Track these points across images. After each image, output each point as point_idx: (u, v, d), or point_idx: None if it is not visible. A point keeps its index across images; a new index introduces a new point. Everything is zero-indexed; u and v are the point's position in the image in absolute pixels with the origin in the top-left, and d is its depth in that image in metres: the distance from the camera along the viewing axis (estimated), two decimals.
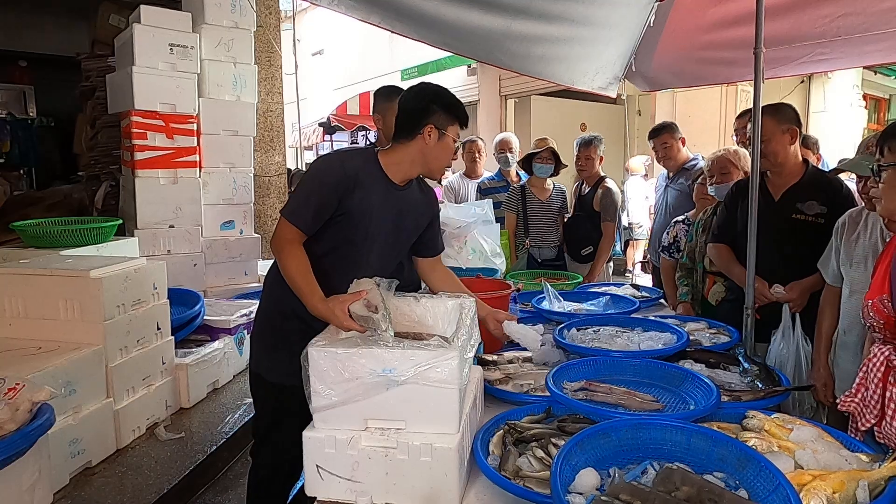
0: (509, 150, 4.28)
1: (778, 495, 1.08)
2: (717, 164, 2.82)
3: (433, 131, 1.83)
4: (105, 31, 4.78)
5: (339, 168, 1.78)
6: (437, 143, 1.85)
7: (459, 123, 1.89)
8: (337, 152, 1.93)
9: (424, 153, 1.86)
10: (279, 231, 1.76)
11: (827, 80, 8.73)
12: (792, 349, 2.18)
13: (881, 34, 2.61)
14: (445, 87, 1.96)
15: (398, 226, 1.93)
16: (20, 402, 1.76)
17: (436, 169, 1.93)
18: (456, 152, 1.94)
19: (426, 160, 1.88)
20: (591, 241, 3.83)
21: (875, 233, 1.88)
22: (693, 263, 2.91)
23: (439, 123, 1.83)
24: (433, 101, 1.85)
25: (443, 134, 1.84)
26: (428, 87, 1.94)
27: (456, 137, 1.89)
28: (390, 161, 1.87)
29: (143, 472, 2.53)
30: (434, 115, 1.83)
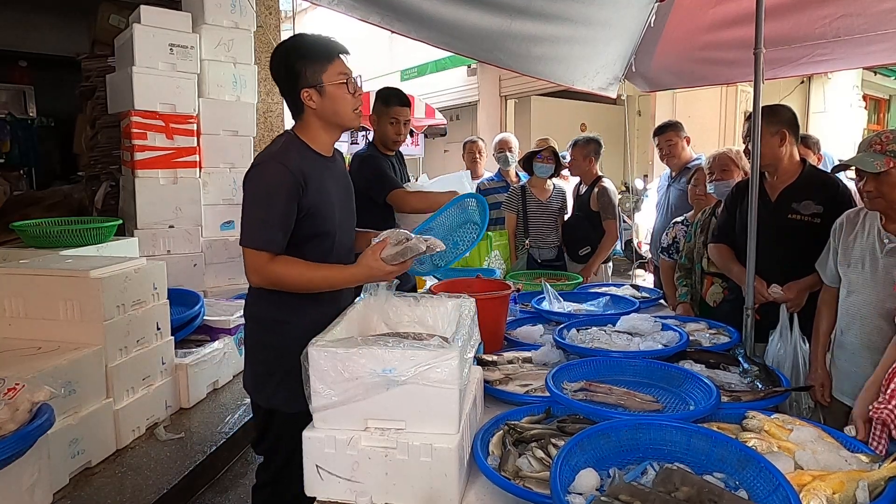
0: (509, 149, 4.29)
1: (778, 496, 1.08)
2: (717, 161, 2.82)
3: (311, 93, 1.67)
4: (105, 31, 4.78)
5: (286, 172, 1.62)
6: (324, 100, 1.68)
7: (328, 61, 1.67)
8: (270, 156, 1.67)
9: (323, 117, 1.71)
10: (250, 264, 1.61)
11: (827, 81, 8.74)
12: (790, 350, 2.18)
13: (881, 35, 2.61)
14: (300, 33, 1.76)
15: (346, 195, 1.84)
16: (20, 402, 1.76)
17: (346, 121, 1.75)
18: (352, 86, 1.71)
19: (329, 121, 1.73)
20: (590, 242, 3.83)
21: (872, 233, 1.88)
22: (691, 264, 2.92)
23: (311, 79, 1.66)
24: (290, 62, 1.67)
25: (321, 88, 1.66)
26: (280, 49, 1.73)
27: (340, 75, 1.68)
28: (309, 137, 1.74)
29: (142, 472, 2.53)
30: (300, 77, 1.66)
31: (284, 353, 1.71)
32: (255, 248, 1.61)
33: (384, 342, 1.38)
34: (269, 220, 1.61)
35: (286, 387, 1.72)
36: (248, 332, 1.85)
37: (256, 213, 1.63)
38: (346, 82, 1.69)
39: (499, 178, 4.35)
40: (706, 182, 2.92)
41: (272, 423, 1.80)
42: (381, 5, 2.52)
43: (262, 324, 1.78)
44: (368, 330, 1.63)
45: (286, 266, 1.63)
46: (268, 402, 1.78)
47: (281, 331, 1.73)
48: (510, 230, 3.96)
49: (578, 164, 3.86)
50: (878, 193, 1.79)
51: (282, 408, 1.75)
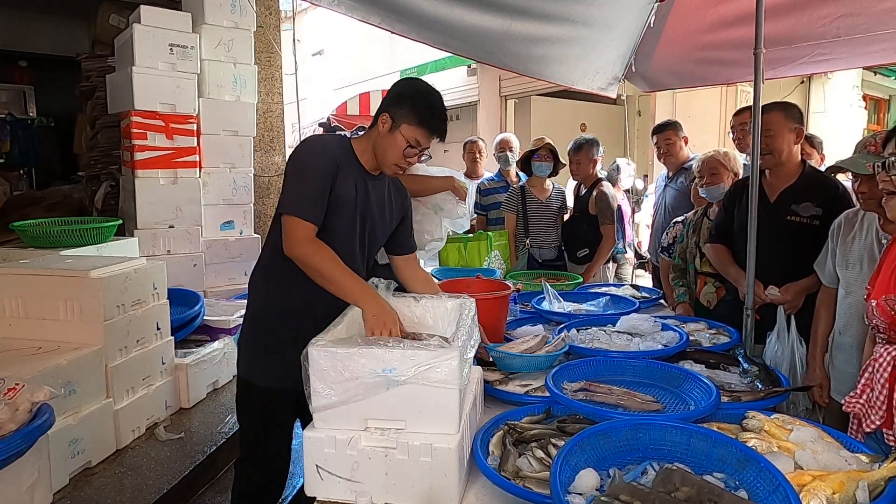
0: (509, 149, 4.29)
1: (778, 496, 1.08)
2: (706, 165, 2.82)
3: (387, 121, 1.76)
4: (105, 31, 4.78)
5: (325, 152, 1.73)
6: (388, 135, 1.76)
7: (422, 127, 1.76)
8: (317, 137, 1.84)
9: (375, 141, 1.80)
10: (292, 232, 1.65)
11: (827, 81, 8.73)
12: (787, 351, 2.18)
13: (881, 34, 2.61)
14: (439, 91, 1.85)
15: (377, 214, 1.88)
16: (20, 402, 1.76)
17: (382, 162, 1.81)
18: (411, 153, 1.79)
19: (375, 148, 1.80)
20: (588, 244, 3.82)
21: (871, 234, 1.88)
22: (685, 264, 2.92)
23: (396, 116, 1.76)
24: (404, 94, 1.79)
25: (395, 126, 1.75)
26: (410, 81, 1.87)
27: (412, 140, 1.76)
28: (361, 148, 1.83)
29: (142, 472, 2.53)
30: (396, 107, 1.76)
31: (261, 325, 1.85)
32: (302, 217, 1.65)
33: (384, 342, 1.38)
34: (307, 191, 1.68)
35: (259, 360, 1.83)
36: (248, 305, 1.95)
37: (297, 183, 1.70)
38: (410, 147, 1.76)
39: (499, 178, 4.35)
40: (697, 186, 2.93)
41: (246, 395, 1.90)
42: (382, 6, 2.52)
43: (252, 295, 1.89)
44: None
45: (319, 250, 1.66)
46: (244, 371, 1.89)
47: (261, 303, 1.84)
48: (510, 230, 3.96)
49: (586, 166, 3.85)
50: (871, 195, 1.79)
51: (253, 380, 1.84)
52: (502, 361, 1.92)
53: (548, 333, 2.13)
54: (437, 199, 2.67)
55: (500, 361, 1.93)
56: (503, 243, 3.89)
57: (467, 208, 2.83)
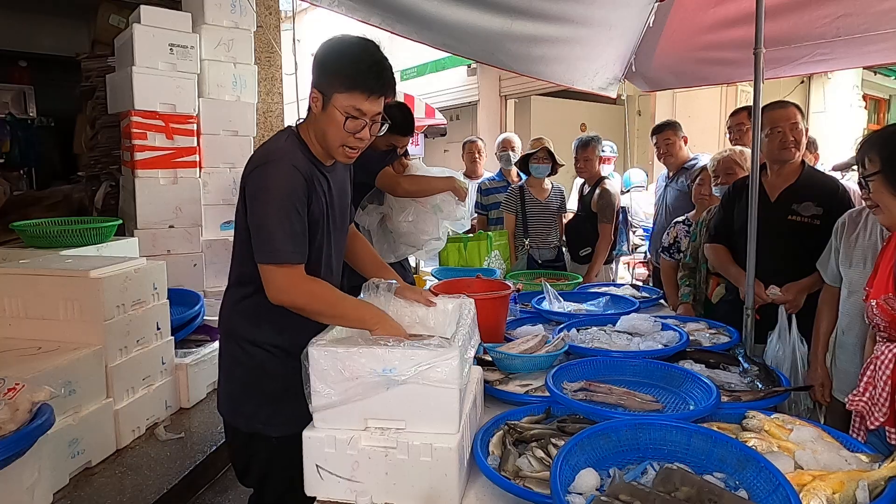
0: (511, 148, 4.29)
1: (778, 495, 1.08)
2: (722, 164, 2.81)
3: (317, 97, 1.50)
4: (105, 31, 4.78)
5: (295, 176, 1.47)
6: (323, 115, 1.50)
7: (355, 90, 1.45)
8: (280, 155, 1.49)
9: (314, 126, 1.55)
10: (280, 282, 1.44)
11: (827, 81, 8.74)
12: (788, 351, 2.18)
13: (881, 34, 2.61)
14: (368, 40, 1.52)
15: (340, 208, 1.69)
16: (20, 402, 1.76)
17: (328, 149, 1.55)
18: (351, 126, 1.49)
19: (316, 135, 1.55)
20: (590, 243, 3.83)
21: (874, 233, 1.88)
22: (696, 264, 2.91)
23: (324, 87, 1.49)
24: (324, 59, 1.50)
25: (327, 101, 1.48)
26: (329, 42, 1.53)
27: (350, 111, 1.47)
28: (310, 140, 1.58)
29: (142, 472, 2.53)
30: (320, 77, 1.50)
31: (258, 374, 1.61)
32: (288, 262, 1.43)
33: (384, 342, 1.38)
34: (294, 228, 1.44)
35: (267, 410, 1.60)
36: (224, 350, 1.69)
37: (278, 222, 1.42)
38: (350, 118, 1.48)
39: (500, 177, 4.36)
40: (711, 185, 2.92)
41: (257, 449, 1.65)
42: (382, 7, 2.52)
43: (241, 341, 1.63)
44: None
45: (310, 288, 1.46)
46: (248, 425, 1.63)
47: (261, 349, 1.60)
48: (509, 230, 3.96)
49: (592, 163, 3.86)
50: None
51: (264, 431, 1.61)
52: (502, 361, 1.92)
53: (548, 333, 2.13)
54: (437, 200, 2.67)
55: (500, 361, 1.92)
56: (503, 243, 3.89)
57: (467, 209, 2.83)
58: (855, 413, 1.58)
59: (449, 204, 2.67)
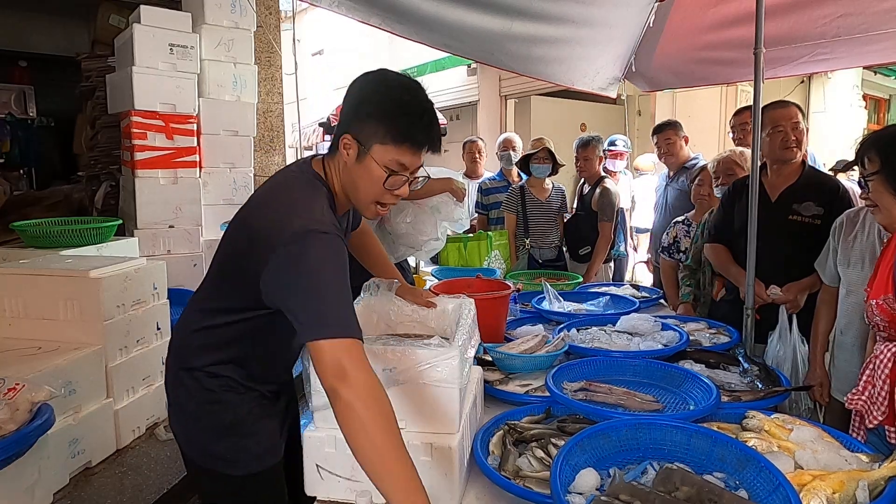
0: (512, 148, 4.30)
1: (778, 495, 1.08)
2: (722, 165, 2.81)
3: (351, 145, 1.29)
4: (105, 31, 4.77)
5: (342, 247, 1.24)
6: (357, 166, 1.30)
7: (404, 144, 1.27)
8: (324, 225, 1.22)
9: (343, 176, 1.34)
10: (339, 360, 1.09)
11: (827, 81, 8.73)
12: (789, 350, 2.18)
13: (881, 34, 2.61)
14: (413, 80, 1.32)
15: None
16: (20, 402, 1.76)
17: (357, 202, 1.37)
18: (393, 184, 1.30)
19: (344, 186, 1.35)
20: (590, 241, 3.84)
21: (872, 233, 1.88)
22: (698, 265, 2.90)
23: (363, 135, 1.27)
24: (366, 100, 1.29)
25: (364, 151, 1.27)
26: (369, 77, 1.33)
27: (393, 165, 1.28)
28: (334, 190, 1.37)
29: (142, 472, 2.53)
30: (358, 121, 1.28)
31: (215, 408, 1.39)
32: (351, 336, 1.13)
33: (384, 341, 1.38)
34: (347, 300, 1.18)
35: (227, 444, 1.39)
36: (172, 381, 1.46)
37: (337, 296, 1.16)
38: (392, 175, 1.29)
39: (501, 177, 4.36)
40: (712, 185, 2.91)
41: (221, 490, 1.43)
42: (382, 7, 2.52)
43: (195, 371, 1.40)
44: (369, 330, 1.63)
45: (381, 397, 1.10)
46: (202, 458, 1.42)
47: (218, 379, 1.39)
48: (510, 230, 3.96)
49: (593, 162, 3.87)
50: None
51: (225, 469, 1.40)
52: (502, 361, 1.92)
53: (548, 333, 2.13)
54: (434, 201, 2.67)
55: (500, 361, 1.93)
56: (503, 243, 3.89)
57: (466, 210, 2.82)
58: (854, 412, 1.59)
59: (447, 205, 2.67)
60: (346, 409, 1.07)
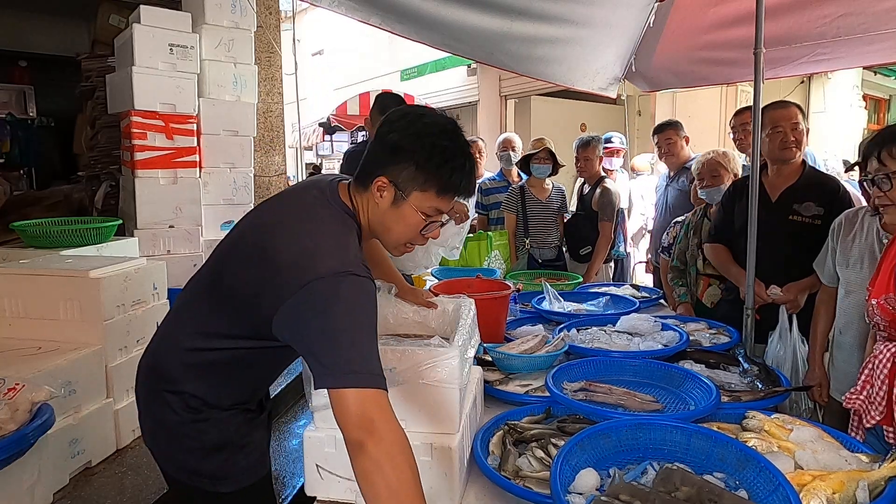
0: (512, 148, 4.29)
1: (778, 495, 1.08)
2: (706, 166, 2.81)
3: (387, 188, 1.23)
4: (105, 31, 4.78)
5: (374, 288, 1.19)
6: (392, 210, 1.25)
7: (445, 194, 1.25)
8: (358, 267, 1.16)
9: (373, 219, 1.28)
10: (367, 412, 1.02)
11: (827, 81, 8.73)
12: (789, 351, 2.18)
13: (881, 34, 2.62)
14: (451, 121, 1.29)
15: None
16: (20, 403, 1.76)
17: (388, 243, 1.33)
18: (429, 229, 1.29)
19: (375, 227, 1.30)
20: (591, 241, 3.84)
21: (871, 233, 1.88)
22: (684, 266, 2.91)
23: (400, 181, 1.22)
24: (406, 145, 1.22)
25: (401, 197, 1.23)
26: (407, 118, 1.26)
27: (431, 211, 1.25)
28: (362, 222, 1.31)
29: (142, 472, 2.53)
30: (395, 165, 1.22)
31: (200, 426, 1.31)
32: (378, 386, 1.06)
33: (385, 341, 1.38)
34: (373, 349, 1.11)
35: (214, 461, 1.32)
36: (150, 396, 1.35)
37: (368, 342, 1.10)
38: (429, 220, 1.26)
39: (501, 177, 4.36)
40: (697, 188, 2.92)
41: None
42: (382, 7, 2.52)
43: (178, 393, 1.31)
44: None
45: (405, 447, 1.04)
46: (188, 476, 1.34)
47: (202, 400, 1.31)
48: (510, 230, 3.96)
49: (593, 162, 3.87)
50: None
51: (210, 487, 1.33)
52: (502, 361, 1.92)
53: (548, 333, 2.13)
54: None
55: (500, 361, 1.93)
56: (503, 243, 3.89)
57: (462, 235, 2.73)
58: (853, 412, 1.59)
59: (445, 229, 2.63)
60: (373, 467, 1.00)
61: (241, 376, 1.34)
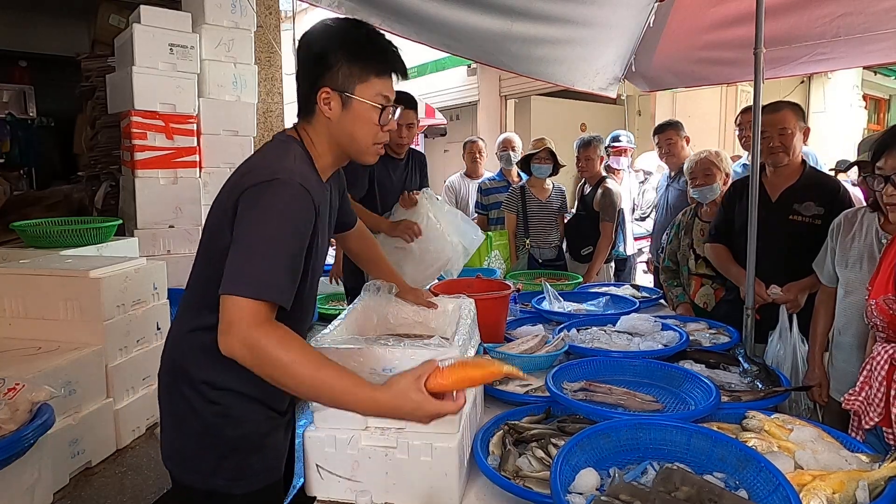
0: (512, 148, 4.29)
1: (778, 495, 1.08)
2: (699, 165, 2.82)
3: (332, 96, 1.26)
4: (105, 31, 4.78)
5: (310, 202, 1.20)
6: (345, 115, 1.27)
7: (383, 74, 1.28)
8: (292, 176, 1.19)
9: (334, 134, 1.30)
10: (238, 317, 1.07)
11: (827, 81, 8.73)
12: (789, 350, 2.18)
13: (881, 34, 2.61)
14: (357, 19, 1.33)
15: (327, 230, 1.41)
16: (20, 403, 1.76)
17: (359, 152, 1.33)
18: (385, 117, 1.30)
19: (339, 143, 1.31)
20: (592, 241, 3.84)
21: (870, 233, 1.88)
22: (677, 266, 2.91)
23: (341, 82, 1.25)
24: (330, 47, 1.25)
25: (347, 98, 1.25)
26: (319, 28, 1.30)
27: (381, 100, 1.28)
28: (315, 152, 1.32)
29: (143, 472, 2.53)
30: (331, 71, 1.24)
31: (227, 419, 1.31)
32: (254, 296, 1.07)
33: (384, 341, 1.38)
34: (282, 261, 1.13)
35: (232, 461, 1.32)
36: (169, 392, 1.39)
37: (274, 250, 1.12)
38: (382, 109, 1.29)
39: (500, 177, 4.36)
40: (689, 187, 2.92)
41: None
42: (382, 7, 2.52)
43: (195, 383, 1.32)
44: (368, 331, 1.63)
45: (286, 341, 1.08)
46: (206, 482, 1.32)
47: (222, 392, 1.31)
48: (510, 230, 3.96)
49: (594, 162, 3.87)
50: None
51: (226, 489, 1.32)
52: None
53: (548, 333, 2.13)
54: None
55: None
56: (503, 243, 3.89)
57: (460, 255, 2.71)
58: (853, 413, 1.59)
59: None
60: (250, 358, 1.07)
61: None
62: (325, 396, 1.08)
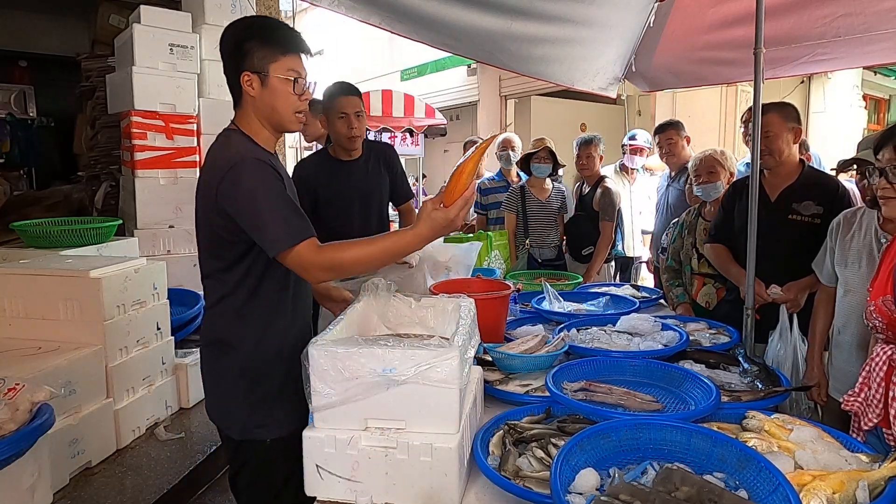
0: (511, 148, 4.29)
1: (778, 495, 1.08)
2: (703, 163, 2.82)
3: (251, 78, 1.52)
4: (105, 31, 4.78)
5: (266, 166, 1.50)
6: (265, 91, 1.53)
7: (289, 53, 1.53)
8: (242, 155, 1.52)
9: (260, 110, 1.56)
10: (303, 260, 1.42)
11: (827, 81, 8.72)
12: (789, 350, 2.18)
13: (881, 34, 2.61)
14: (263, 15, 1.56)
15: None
16: (20, 402, 1.76)
17: (284, 121, 1.58)
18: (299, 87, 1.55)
19: (267, 116, 1.57)
20: (592, 241, 3.84)
21: (870, 233, 1.88)
22: (679, 265, 2.91)
23: (257, 64, 1.51)
24: (244, 37, 1.53)
25: (264, 76, 1.51)
26: (234, 24, 1.60)
27: (292, 74, 1.53)
28: (251, 130, 1.59)
29: (143, 472, 2.53)
30: (248, 56, 1.51)
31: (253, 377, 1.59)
32: (296, 242, 1.42)
33: (384, 342, 1.38)
34: (288, 211, 1.45)
35: (261, 413, 1.59)
36: (206, 358, 1.67)
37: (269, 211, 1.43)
38: (294, 81, 1.54)
39: (500, 177, 4.36)
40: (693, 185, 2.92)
41: (251, 454, 1.63)
42: (382, 6, 2.52)
43: (223, 346, 1.60)
44: (368, 331, 1.63)
45: (339, 250, 1.44)
46: (241, 433, 1.61)
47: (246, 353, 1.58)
48: (510, 230, 3.96)
49: (594, 161, 3.87)
50: None
51: (258, 436, 1.60)
52: (502, 361, 1.92)
53: (548, 333, 2.13)
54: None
55: (500, 361, 1.92)
56: (503, 243, 3.89)
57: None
58: (853, 413, 1.58)
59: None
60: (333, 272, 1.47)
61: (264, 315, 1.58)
62: (389, 257, 1.47)
